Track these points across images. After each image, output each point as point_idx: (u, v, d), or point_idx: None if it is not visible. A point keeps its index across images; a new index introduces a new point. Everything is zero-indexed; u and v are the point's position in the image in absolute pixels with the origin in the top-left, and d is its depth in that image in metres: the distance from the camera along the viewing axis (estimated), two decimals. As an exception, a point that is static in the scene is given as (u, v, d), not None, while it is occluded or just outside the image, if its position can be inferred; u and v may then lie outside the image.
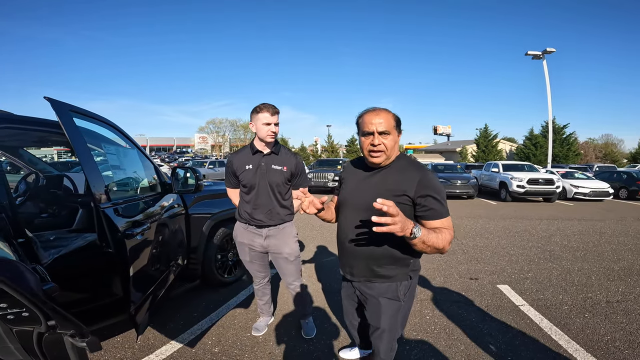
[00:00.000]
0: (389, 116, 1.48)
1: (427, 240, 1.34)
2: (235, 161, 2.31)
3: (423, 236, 1.33)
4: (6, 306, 1.01)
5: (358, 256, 1.58)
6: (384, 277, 1.56)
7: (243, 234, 2.40)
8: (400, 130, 1.53)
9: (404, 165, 1.52)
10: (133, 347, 2.44)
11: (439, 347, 2.46)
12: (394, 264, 1.54)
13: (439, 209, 1.43)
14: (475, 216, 8.82)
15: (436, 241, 1.36)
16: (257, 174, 2.25)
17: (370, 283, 1.60)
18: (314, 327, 2.67)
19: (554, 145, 27.74)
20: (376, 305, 1.60)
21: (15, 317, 1.05)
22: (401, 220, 1.25)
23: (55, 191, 2.95)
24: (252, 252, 2.43)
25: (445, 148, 48.53)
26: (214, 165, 22.38)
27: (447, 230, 1.41)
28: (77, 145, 1.67)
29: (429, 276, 4.04)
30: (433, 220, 1.43)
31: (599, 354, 2.36)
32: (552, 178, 12.11)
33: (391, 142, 1.47)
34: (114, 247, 1.75)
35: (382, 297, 1.57)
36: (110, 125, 2.25)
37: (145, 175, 2.62)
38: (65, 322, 1.10)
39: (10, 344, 1.30)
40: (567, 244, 5.74)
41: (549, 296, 3.44)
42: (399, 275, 1.55)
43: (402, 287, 1.57)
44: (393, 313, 1.59)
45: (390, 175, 1.51)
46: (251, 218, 2.32)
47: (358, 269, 1.60)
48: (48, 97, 1.62)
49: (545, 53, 18.98)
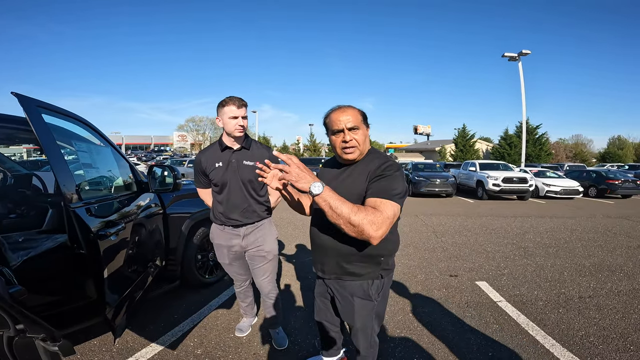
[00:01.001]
0: (355, 112, 1.48)
1: (333, 206, 1.25)
2: (203, 159, 2.18)
3: (326, 197, 1.25)
4: None
5: (328, 253, 1.56)
6: (354, 275, 1.53)
7: (220, 235, 2.27)
8: (368, 125, 1.54)
9: (371, 159, 1.50)
10: (111, 350, 2.34)
11: (422, 344, 2.49)
12: (363, 262, 1.51)
13: (380, 188, 1.36)
14: (454, 214, 9.03)
15: (346, 212, 1.24)
16: (227, 172, 2.12)
17: (342, 281, 1.57)
18: (285, 336, 2.51)
19: (527, 145, 28.80)
20: (349, 305, 1.58)
21: None
22: (297, 171, 1.26)
23: (23, 191, 2.78)
24: (230, 254, 2.30)
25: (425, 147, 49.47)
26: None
27: (374, 211, 1.28)
28: (45, 142, 1.57)
29: (410, 273, 4.09)
30: (369, 198, 1.36)
31: (574, 348, 2.44)
32: (525, 177, 12.57)
33: (362, 136, 1.48)
34: (86, 248, 1.66)
35: (355, 297, 1.55)
36: (81, 122, 2.13)
37: (119, 173, 2.51)
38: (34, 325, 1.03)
39: None
40: (540, 241, 5.96)
41: (524, 292, 3.55)
42: (370, 273, 1.53)
43: (374, 286, 1.55)
44: (367, 313, 1.57)
45: (359, 169, 1.50)
46: (227, 219, 2.19)
47: (328, 266, 1.58)
48: (15, 93, 1.52)
49: (521, 55, 19.66)
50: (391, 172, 1.40)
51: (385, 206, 1.31)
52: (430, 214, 8.90)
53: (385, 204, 1.31)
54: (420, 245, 5.53)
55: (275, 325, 2.49)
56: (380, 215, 1.27)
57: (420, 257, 4.85)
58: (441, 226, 7.26)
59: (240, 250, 2.28)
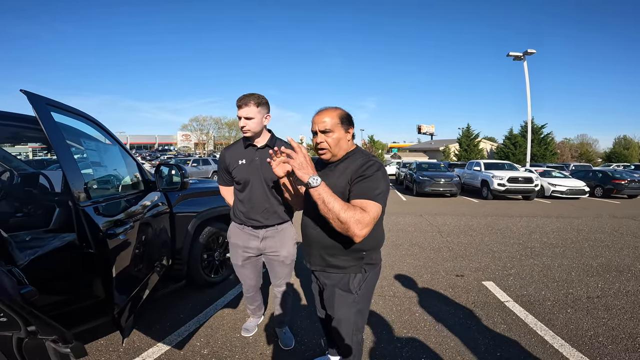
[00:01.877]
0: (333, 114, 1.52)
1: (326, 201, 1.34)
2: (227, 156, 2.16)
3: (321, 191, 1.35)
4: None
5: (313, 246, 1.62)
6: (336, 267, 1.58)
7: (238, 235, 2.23)
8: (348, 127, 1.54)
9: (354, 159, 1.53)
10: (118, 350, 2.34)
11: (430, 344, 2.48)
12: (345, 255, 1.55)
13: (363, 190, 1.41)
14: (459, 214, 8.98)
15: (337, 208, 1.33)
16: (250, 169, 2.08)
17: (326, 272, 1.62)
18: (292, 337, 2.50)
19: (533, 145, 28.62)
20: (331, 295, 1.62)
21: None
22: (302, 160, 1.37)
23: (30, 190, 2.79)
24: (245, 255, 2.24)
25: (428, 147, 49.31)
26: (198, 163, 21.92)
27: (361, 210, 1.36)
28: (54, 140, 1.56)
29: (415, 273, 4.07)
30: (353, 200, 1.42)
31: (583, 349, 2.42)
32: (531, 177, 12.47)
33: (334, 140, 1.52)
34: (95, 247, 1.66)
35: (337, 288, 1.60)
36: (90, 121, 2.13)
37: (127, 172, 2.51)
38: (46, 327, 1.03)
39: None
40: (547, 241, 5.91)
41: (532, 292, 3.52)
42: (352, 267, 1.56)
43: (356, 279, 1.57)
44: (347, 305, 1.60)
45: (341, 168, 1.54)
46: (247, 219, 2.15)
47: (314, 258, 1.64)
48: (24, 90, 1.52)
49: (526, 54, 19.51)
50: (372, 171, 1.44)
51: (371, 208, 1.38)
52: (435, 214, 8.86)
53: (371, 205, 1.38)
54: (426, 245, 5.50)
55: (282, 325, 2.47)
56: (367, 216, 1.36)
57: (425, 256, 4.82)
58: (446, 226, 7.22)
59: (257, 252, 2.24)
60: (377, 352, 2.39)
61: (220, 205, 3.56)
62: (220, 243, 3.57)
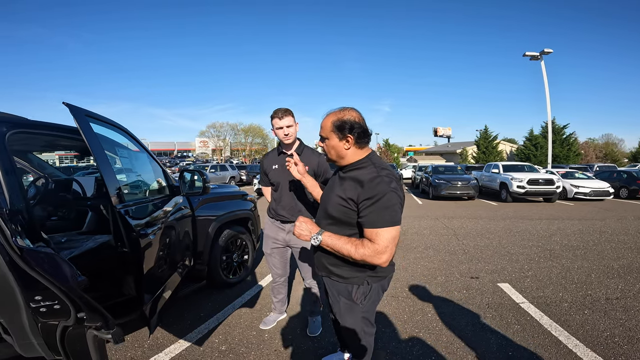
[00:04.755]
0: (327, 121, 1.50)
1: (336, 248, 1.42)
2: (265, 162, 2.58)
3: (327, 243, 1.43)
4: (40, 299, 1.08)
5: (317, 253, 1.63)
6: (338, 277, 1.56)
7: (269, 227, 2.64)
8: (344, 134, 1.47)
9: (364, 172, 1.46)
10: (143, 345, 2.50)
11: (441, 344, 2.52)
12: (346, 265, 1.52)
13: (375, 218, 1.36)
14: (476, 217, 8.86)
15: (346, 251, 1.38)
16: (281, 173, 2.44)
17: (330, 280, 1.62)
18: (320, 326, 2.71)
19: (554, 146, 27.80)
20: (336, 302, 1.63)
21: (47, 309, 1.11)
22: (303, 227, 1.47)
23: (64, 195, 3.02)
24: (274, 245, 2.62)
25: (445, 150, 48.58)
26: (216, 169, 22.38)
27: (373, 245, 1.34)
28: (94, 149, 1.74)
29: (430, 275, 4.09)
30: (366, 229, 1.39)
31: (598, 349, 2.41)
32: (552, 178, 12.16)
33: (328, 147, 1.53)
34: (129, 246, 1.82)
35: (341, 296, 1.59)
36: (121, 130, 2.33)
37: (154, 178, 2.70)
38: (93, 314, 1.16)
39: (34, 340, 1.36)
40: (568, 243, 5.79)
41: (549, 294, 3.49)
42: (355, 278, 1.53)
43: (359, 291, 1.54)
44: (351, 314, 1.60)
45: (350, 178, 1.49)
46: (276, 214, 2.54)
47: (319, 264, 1.66)
48: (66, 103, 1.70)
49: (543, 54, 19.09)
50: (382, 190, 1.36)
51: (382, 236, 1.34)
52: (452, 217, 8.78)
53: (382, 234, 1.34)
54: (441, 248, 5.49)
55: (313, 314, 2.73)
56: (380, 246, 1.34)
57: (440, 259, 4.82)
58: (463, 229, 7.16)
59: (283, 244, 2.61)
60: (389, 350, 2.45)
61: (238, 209, 3.72)
62: (238, 245, 3.72)
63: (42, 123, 2.24)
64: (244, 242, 3.77)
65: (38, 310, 1.12)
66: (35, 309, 1.12)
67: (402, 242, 5.93)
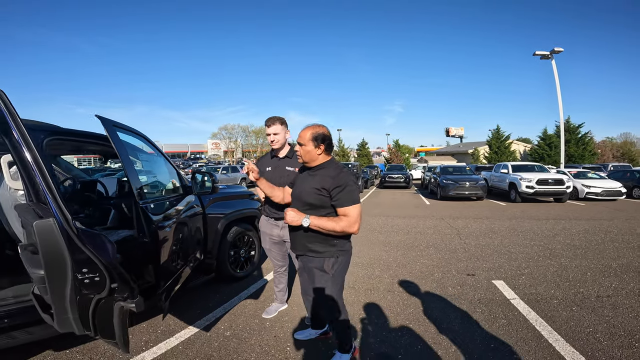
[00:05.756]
0: (305, 132, 2.04)
1: (322, 227, 1.94)
2: (259, 164, 2.85)
3: (314, 224, 1.94)
4: (86, 271, 1.36)
5: (297, 235, 2.09)
6: (315, 252, 2.06)
7: (265, 225, 2.90)
8: (319, 143, 2.02)
9: (328, 171, 2.04)
10: (156, 331, 2.79)
11: (428, 335, 2.71)
12: (321, 243, 2.03)
13: (345, 198, 1.94)
14: (482, 217, 8.94)
15: (330, 227, 1.93)
16: (274, 175, 2.71)
17: (307, 256, 2.11)
18: None
19: (569, 145, 27.30)
20: (311, 274, 2.12)
21: (89, 281, 1.39)
22: (291, 215, 1.97)
23: (89, 194, 3.34)
24: (271, 241, 2.89)
25: (457, 150, 48.12)
26: (227, 170, 22.90)
27: (347, 218, 1.94)
28: (121, 153, 2.06)
29: (427, 272, 4.28)
30: (339, 208, 1.96)
31: (577, 344, 2.53)
32: (562, 178, 12.08)
33: (304, 150, 2.04)
34: (149, 236, 2.11)
35: (315, 269, 2.08)
36: (140, 136, 2.64)
37: (169, 178, 2.99)
38: (124, 285, 1.43)
39: (71, 314, 1.64)
40: (570, 243, 5.86)
41: (541, 291, 3.63)
42: (327, 252, 2.04)
43: (329, 262, 2.05)
44: (323, 282, 2.08)
45: (319, 175, 2.04)
46: (270, 212, 2.79)
47: (298, 245, 2.12)
48: (98, 115, 1.99)
49: (554, 53, 18.86)
50: (344, 181, 1.96)
51: (352, 211, 1.96)
52: (457, 217, 8.88)
53: (351, 209, 1.95)
54: (442, 247, 5.65)
55: None
56: (352, 218, 1.95)
57: (440, 257, 4.99)
58: (466, 228, 7.28)
59: (279, 238, 2.86)
60: (379, 338, 2.67)
61: (245, 208, 3.99)
62: (245, 242, 3.99)
63: (73, 131, 2.56)
64: (251, 238, 4.04)
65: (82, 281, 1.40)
66: (80, 280, 1.40)
67: (403, 241, 6.11)
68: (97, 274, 1.39)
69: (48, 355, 2.44)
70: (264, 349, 2.53)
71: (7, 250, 2.61)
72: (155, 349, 2.52)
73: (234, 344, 2.60)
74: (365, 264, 4.69)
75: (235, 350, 2.50)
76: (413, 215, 9.36)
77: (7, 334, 2.02)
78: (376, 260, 4.84)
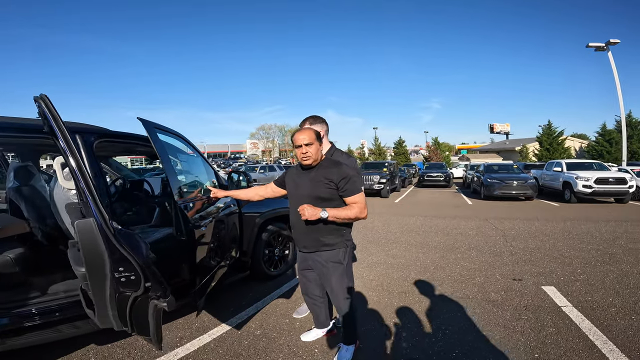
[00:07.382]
0: (310, 132, 2.12)
1: (339, 217, 2.05)
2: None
3: (332, 215, 2.03)
4: (123, 269, 1.45)
5: (309, 232, 2.16)
6: (328, 245, 2.16)
7: None
8: (321, 142, 2.18)
9: (328, 166, 2.15)
10: (191, 327, 2.89)
11: (465, 342, 2.56)
12: (333, 234, 2.15)
13: (351, 189, 2.09)
14: (531, 218, 8.35)
15: (345, 215, 2.06)
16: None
17: (319, 252, 2.19)
18: None
19: (632, 142, 24.70)
20: (326, 269, 2.20)
21: (125, 279, 1.48)
22: (310, 210, 1.98)
23: (137, 193, 3.59)
24: None
25: (502, 147, 45.44)
26: (265, 170, 23.71)
27: (357, 205, 2.09)
28: (161, 154, 2.18)
29: (468, 275, 4.07)
30: (347, 197, 2.10)
31: (634, 354, 2.30)
32: (624, 177, 10.95)
33: (314, 149, 2.10)
34: (186, 235, 2.21)
35: (330, 262, 2.18)
36: (180, 137, 2.78)
37: (207, 178, 3.12)
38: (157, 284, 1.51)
39: (110, 311, 1.74)
40: (633, 247, 5.29)
41: (597, 298, 3.31)
42: (339, 243, 2.17)
43: (341, 253, 2.19)
44: (339, 273, 2.19)
45: (320, 173, 2.13)
46: None
47: (310, 242, 2.19)
48: (140, 118, 2.13)
49: (609, 44, 17.20)
50: (348, 173, 2.10)
51: (360, 198, 2.12)
52: (503, 218, 8.37)
53: (359, 197, 2.12)
54: (485, 249, 5.35)
55: None
56: (362, 204, 2.12)
57: (482, 260, 4.73)
58: (513, 230, 6.84)
59: None
60: (411, 343, 2.58)
61: (280, 207, 4.05)
62: (279, 241, 4.05)
63: (120, 133, 2.75)
64: (285, 238, 4.10)
65: (119, 280, 1.49)
66: (117, 279, 1.49)
67: (443, 242, 5.88)
68: (132, 272, 1.47)
69: (91, 348, 2.57)
70: (292, 350, 2.54)
71: (60, 245, 2.85)
72: (189, 345, 2.61)
73: (264, 343, 2.64)
74: (400, 265, 4.57)
75: (264, 350, 2.53)
76: (454, 215, 8.98)
77: (54, 328, 2.14)
78: (412, 262, 4.70)
